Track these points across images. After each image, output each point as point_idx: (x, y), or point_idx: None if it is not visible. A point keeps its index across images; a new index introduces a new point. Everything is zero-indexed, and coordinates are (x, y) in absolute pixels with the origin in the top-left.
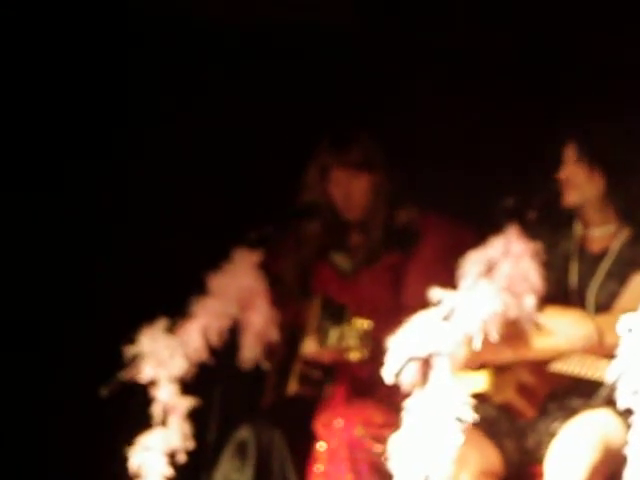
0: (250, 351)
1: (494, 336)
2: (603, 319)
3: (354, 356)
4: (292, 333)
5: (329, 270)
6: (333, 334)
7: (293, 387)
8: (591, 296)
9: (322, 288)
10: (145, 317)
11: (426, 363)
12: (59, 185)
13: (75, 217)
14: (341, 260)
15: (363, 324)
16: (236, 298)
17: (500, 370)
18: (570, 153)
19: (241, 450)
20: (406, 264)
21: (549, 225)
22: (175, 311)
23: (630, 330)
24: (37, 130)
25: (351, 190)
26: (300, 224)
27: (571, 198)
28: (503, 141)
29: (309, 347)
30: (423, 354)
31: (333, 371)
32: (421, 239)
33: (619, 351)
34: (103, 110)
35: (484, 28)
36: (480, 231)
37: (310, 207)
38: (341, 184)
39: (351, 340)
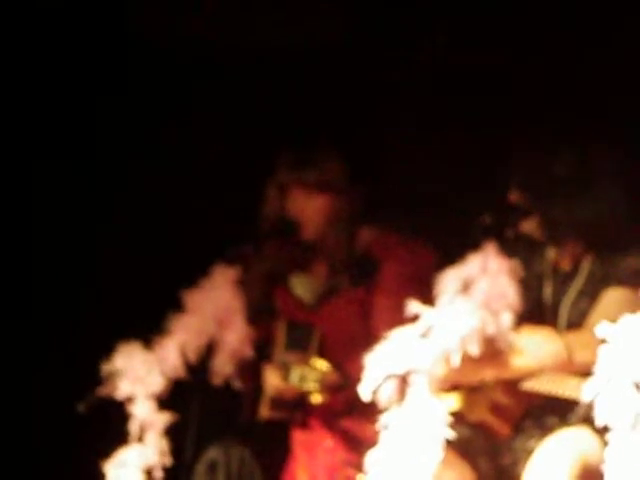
0: (222, 368)
1: (473, 351)
2: (573, 337)
3: (315, 399)
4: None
5: (291, 299)
6: (294, 374)
7: (265, 411)
8: (564, 314)
9: (287, 315)
10: (122, 333)
11: (404, 380)
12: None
13: (52, 232)
14: (302, 289)
15: (322, 366)
16: (213, 315)
17: (472, 391)
18: None
19: (211, 471)
20: (370, 298)
21: (524, 243)
22: (152, 328)
23: (607, 346)
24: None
25: (306, 209)
26: (264, 240)
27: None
28: (481, 157)
29: (273, 380)
30: (401, 371)
31: (304, 400)
32: (381, 267)
33: (596, 367)
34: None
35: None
36: (458, 248)
37: (277, 224)
38: (297, 203)
39: (311, 384)
